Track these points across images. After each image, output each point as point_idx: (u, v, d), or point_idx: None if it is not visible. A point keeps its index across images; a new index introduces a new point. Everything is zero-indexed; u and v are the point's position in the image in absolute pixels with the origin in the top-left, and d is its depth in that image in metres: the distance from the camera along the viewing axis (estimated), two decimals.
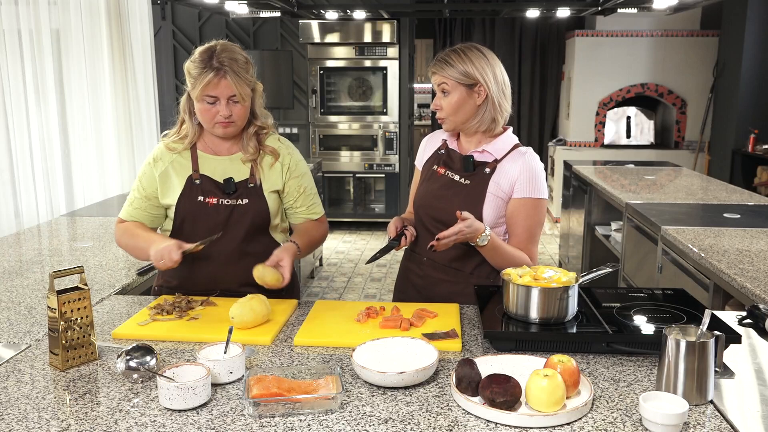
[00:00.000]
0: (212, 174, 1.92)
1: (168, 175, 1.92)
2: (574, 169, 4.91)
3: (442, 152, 2.02)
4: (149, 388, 1.34)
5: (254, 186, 1.92)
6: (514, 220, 1.90)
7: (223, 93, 1.80)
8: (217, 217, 1.90)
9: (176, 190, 1.91)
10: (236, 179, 1.92)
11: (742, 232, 2.75)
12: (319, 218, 2.07)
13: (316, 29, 6.59)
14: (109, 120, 4.39)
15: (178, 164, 1.93)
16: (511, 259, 1.87)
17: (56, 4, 3.92)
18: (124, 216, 1.97)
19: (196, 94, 1.81)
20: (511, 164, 1.89)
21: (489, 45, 8.22)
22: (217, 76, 1.78)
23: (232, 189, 1.91)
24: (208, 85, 1.78)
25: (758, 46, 6.03)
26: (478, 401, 1.24)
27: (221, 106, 1.82)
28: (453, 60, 1.86)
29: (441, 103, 1.89)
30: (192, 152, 1.94)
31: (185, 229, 1.93)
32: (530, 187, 1.88)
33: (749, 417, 1.25)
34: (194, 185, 1.91)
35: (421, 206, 2.00)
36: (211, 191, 1.90)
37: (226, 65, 1.78)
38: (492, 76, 1.87)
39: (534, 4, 5.93)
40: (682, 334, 1.30)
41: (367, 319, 1.70)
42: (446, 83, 1.86)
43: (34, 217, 3.77)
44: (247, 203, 1.91)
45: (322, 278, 5.46)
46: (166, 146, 1.95)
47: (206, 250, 1.86)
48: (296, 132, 7.17)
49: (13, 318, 1.77)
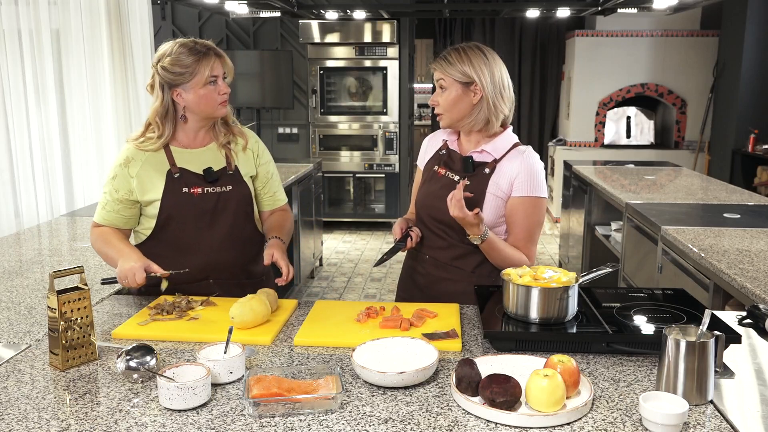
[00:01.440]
0: (190, 166, 1.95)
1: (146, 172, 1.92)
2: (574, 169, 4.91)
3: (443, 153, 2.03)
4: (149, 388, 1.34)
5: (233, 172, 1.98)
6: (512, 218, 1.91)
7: (220, 71, 1.90)
8: (204, 205, 1.93)
9: (158, 185, 1.92)
10: (215, 168, 1.96)
11: (742, 232, 2.75)
12: (282, 206, 2.14)
13: (316, 29, 6.59)
14: (109, 120, 4.39)
15: (153, 160, 1.93)
16: (508, 259, 1.88)
17: (56, 4, 3.92)
18: (98, 220, 1.98)
19: (201, 80, 1.86)
20: (510, 163, 1.89)
21: (489, 45, 8.20)
22: (214, 55, 1.88)
23: (214, 177, 1.95)
24: (213, 66, 1.87)
25: (758, 46, 6.03)
26: (478, 401, 1.24)
27: (222, 84, 1.90)
28: (452, 58, 1.89)
29: (438, 99, 1.92)
30: (165, 149, 1.95)
31: (171, 223, 1.93)
32: (529, 186, 1.88)
33: (749, 417, 1.25)
34: (175, 179, 1.93)
35: (422, 207, 2.02)
36: (194, 182, 1.93)
37: (211, 47, 1.90)
38: (489, 77, 1.87)
39: (534, 4, 5.93)
40: (682, 334, 1.30)
41: (367, 319, 1.70)
42: (443, 79, 1.90)
43: (34, 217, 3.78)
44: (231, 189, 1.96)
45: (322, 278, 5.46)
46: (136, 147, 1.94)
47: (197, 239, 1.93)
48: (296, 132, 7.17)
49: (13, 318, 1.77)
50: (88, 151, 4.23)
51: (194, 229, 1.94)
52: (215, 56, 1.88)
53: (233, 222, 1.96)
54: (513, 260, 1.88)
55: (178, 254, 1.92)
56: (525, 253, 1.92)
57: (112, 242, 1.91)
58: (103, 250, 1.93)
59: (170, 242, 1.95)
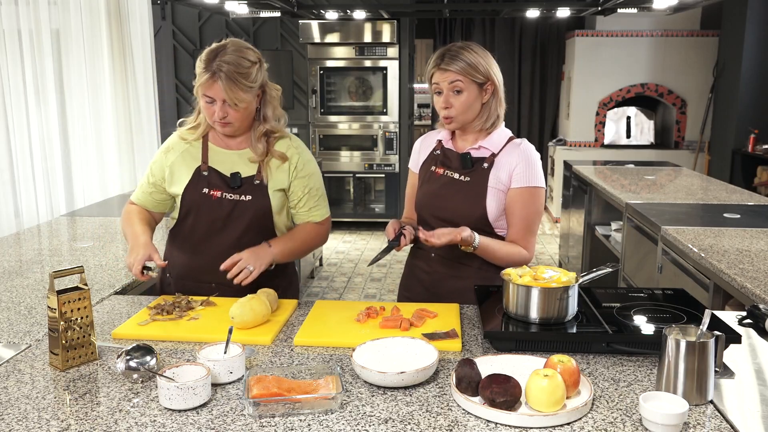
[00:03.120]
0: (220, 167, 1.95)
1: (178, 165, 1.98)
2: (574, 169, 4.91)
3: (437, 152, 2.03)
4: (149, 388, 1.34)
5: (260, 183, 1.94)
6: (511, 209, 1.91)
7: (217, 95, 1.82)
8: (219, 210, 1.93)
9: (183, 180, 1.96)
10: (243, 174, 1.94)
11: (742, 232, 2.75)
12: (320, 221, 2.05)
13: (316, 29, 6.59)
14: (109, 120, 4.39)
15: (188, 155, 1.98)
16: (507, 257, 1.89)
17: (56, 4, 3.92)
18: (133, 198, 2.07)
19: (196, 91, 1.86)
20: (508, 156, 1.90)
21: (489, 45, 8.23)
22: (211, 78, 1.79)
23: (238, 184, 1.93)
24: (204, 86, 1.82)
25: (758, 46, 6.03)
26: (478, 401, 1.24)
27: (217, 107, 1.84)
28: (466, 56, 1.84)
29: (452, 102, 1.87)
30: (203, 143, 1.98)
31: (189, 219, 1.98)
32: (527, 176, 1.89)
33: (749, 417, 1.25)
34: (201, 176, 1.95)
35: (423, 207, 2.01)
36: (217, 184, 1.94)
37: (224, 70, 1.78)
38: (497, 72, 1.90)
39: (534, 4, 5.93)
40: (682, 334, 1.30)
41: (367, 319, 1.70)
42: (461, 80, 1.84)
43: (34, 217, 3.78)
44: (250, 200, 1.93)
45: (322, 278, 5.45)
46: (180, 136, 2.01)
47: (207, 242, 1.95)
48: (296, 132, 7.17)
49: (13, 318, 1.77)
50: (88, 151, 4.23)
51: (206, 232, 1.96)
52: (211, 79, 1.79)
53: (244, 232, 1.94)
54: (512, 258, 1.89)
55: (190, 252, 1.98)
56: (524, 245, 1.91)
57: (133, 223, 1.96)
58: (124, 229, 2.00)
59: (186, 237, 2.00)
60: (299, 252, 2.03)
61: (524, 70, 8.04)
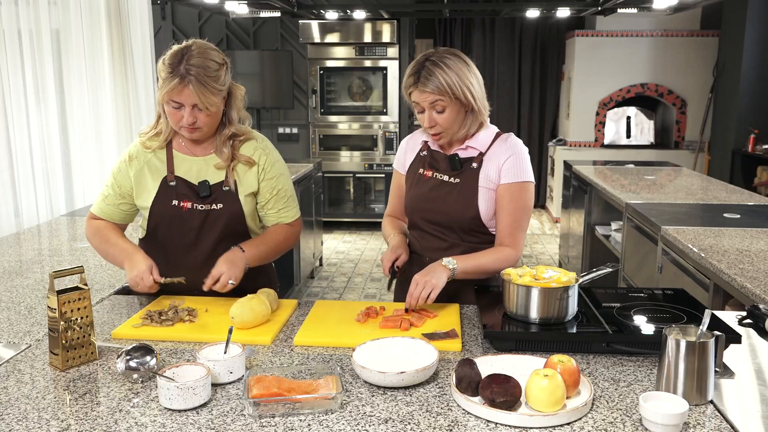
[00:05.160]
0: (187, 175, 1.89)
1: (143, 175, 1.90)
2: (574, 169, 4.91)
3: (424, 154, 2.01)
4: (149, 388, 1.34)
5: (229, 189, 1.88)
6: (500, 205, 1.89)
7: (186, 100, 1.74)
8: (191, 222, 1.88)
9: (151, 192, 1.89)
10: (211, 181, 1.88)
11: (742, 232, 2.75)
12: (291, 222, 2.00)
13: (316, 29, 6.59)
14: (109, 120, 4.38)
15: (153, 164, 1.90)
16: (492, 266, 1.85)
17: (56, 4, 3.92)
18: (96, 212, 1.96)
19: (160, 96, 1.77)
20: (496, 153, 1.89)
21: (489, 45, 8.23)
22: (181, 83, 1.71)
23: (207, 192, 1.87)
24: (172, 91, 1.73)
25: (758, 46, 6.02)
26: (478, 401, 1.24)
27: (185, 112, 1.76)
28: (440, 77, 1.78)
29: (437, 119, 1.84)
30: (168, 151, 1.91)
31: (159, 232, 1.92)
32: (515, 171, 1.87)
33: (749, 417, 1.25)
34: (169, 187, 1.88)
35: (414, 211, 2.00)
36: (186, 195, 1.88)
37: (192, 73, 1.71)
38: (476, 83, 1.85)
39: (534, 4, 5.93)
40: (682, 334, 1.30)
41: (367, 319, 1.70)
42: (441, 100, 1.81)
43: (34, 217, 3.77)
44: (221, 208, 1.88)
45: (322, 278, 5.45)
46: (142, 144, 1.91)
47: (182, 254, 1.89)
48: (296, 132, 7.18)
49: (13, 318, 1.77)
50: (88, 151, 4.23)
51: (179, 244, 1.91)
52: (180, 84, 1.71)
53: (218, 241, 1.89)
54: (500, 263, 1.84)
55: (164, 265, 1.84)
56: (511, 243, 1.87)
57: (112, 240, 1.89)
58: (103, 248, 1.91)
59: (159, 249, 1.92)
60: (272, 255, 1.97)
61: (524, 70, 8.03)
